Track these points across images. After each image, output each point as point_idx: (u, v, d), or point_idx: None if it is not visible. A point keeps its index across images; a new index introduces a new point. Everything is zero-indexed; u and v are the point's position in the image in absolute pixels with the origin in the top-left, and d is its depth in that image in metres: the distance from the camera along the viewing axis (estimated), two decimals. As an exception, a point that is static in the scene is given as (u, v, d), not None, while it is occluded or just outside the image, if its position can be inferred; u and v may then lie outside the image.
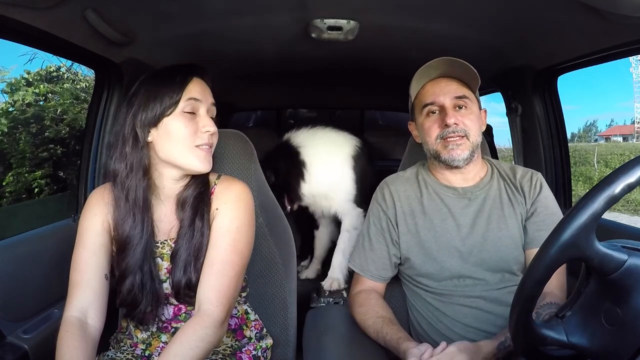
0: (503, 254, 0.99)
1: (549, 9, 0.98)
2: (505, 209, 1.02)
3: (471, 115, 1.02)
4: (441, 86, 1.03)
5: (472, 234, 1.01)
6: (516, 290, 0.61)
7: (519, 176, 1.06)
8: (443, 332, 1.00)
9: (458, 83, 1.03)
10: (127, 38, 1.12)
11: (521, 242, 1.01)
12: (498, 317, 0.97)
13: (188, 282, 0.89)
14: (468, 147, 1.00)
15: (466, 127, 1.00)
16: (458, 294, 1.00)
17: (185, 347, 0.79)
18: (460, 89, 1.02)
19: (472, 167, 1.05)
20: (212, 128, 0.90)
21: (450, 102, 1.01)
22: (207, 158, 0.90)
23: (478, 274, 1.00)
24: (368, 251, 1.10)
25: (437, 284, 1.03)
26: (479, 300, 0.99)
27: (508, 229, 1.01)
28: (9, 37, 0.94)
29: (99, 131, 1.30)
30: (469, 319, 0.99)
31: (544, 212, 1.01)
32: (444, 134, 1.00)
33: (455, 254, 1.01)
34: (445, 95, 1.01)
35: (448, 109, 1.00)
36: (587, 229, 0.54)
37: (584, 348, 0.58)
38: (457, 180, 1.06)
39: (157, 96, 0.88)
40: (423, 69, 1.03)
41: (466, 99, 1.02)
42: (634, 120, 17.41)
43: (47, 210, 5.16)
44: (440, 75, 1.04)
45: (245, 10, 1.10)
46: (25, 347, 0.94)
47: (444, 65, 1.02)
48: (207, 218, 0.91)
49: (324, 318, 1.18)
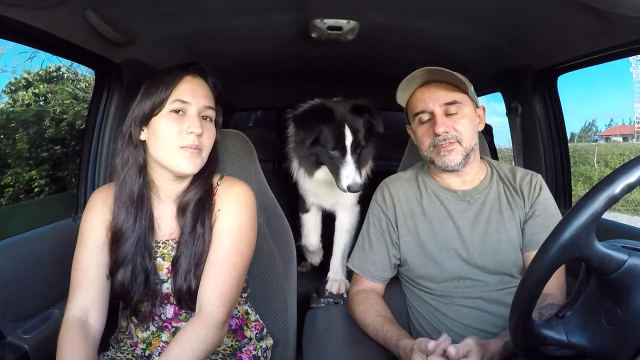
0: (502, 258, 0.99)
1: (549, 9, 0.98)
2: (504, 212, 1.02)
3: (463, 119, 1.00)
4: (430, 92, 1.01)
5: (471, 236, 1.01)
6: (516, 291, 0.61)
7: (518, 178, 1.05)
8: (443, 333, 1.00)
9: (447, 87, 1.01)
10: (127, 38, 1.12)
11: (519, 245, 1.00)
12: (498, 318, 0.97)
13: (189, 288, 0.89)
14: (460, 152, 1.00)
15: (457, 133, 0.99)
16: (458, 295, 1.00)
17: (186, 348, 0.79)
18: (450, 94, 1.01)
19: (469, 169, 1.04)
20: (197, 129, 0.87)
21: (440, 108, 1.00)
22: (192, 160, 0.88)
23: (478, 275, 1.00)
24: (368, 252, 1.10)
25: (437, 285, 1.02)
26: (479, 300, 0.99)
27: (507, 232, 1.00)
28: (9, 37, 0.94)
29: (99, 131, 1.30)
30: (469, 320, 0.99)
31: (543, 214, 1.00)
32: (435, 142, 1.00)
33: (455, 255, 1.01)
34: (435, 102, 1.00)
35: (437, 117, 0.99)
36: (587, 229, 0.54)
37: (584, 348, 0.58)
38: (455, 183, 1.06)
39: (148, 95, 0.88)
40: (407, 79, 1.02)
41: (457, 104, 1.00)
42: (633, 120, 17.43)
43: (47, 210, 5.16)
44: (428, 81, 1.02)
45: (245, 10, 1.10)
46: (25, 347, 0.94)
47: (427, 74, 1.00)
48: (208, 224, 0.91)
49: (324, 318, 1.18)
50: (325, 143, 1.28)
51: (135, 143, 0.90)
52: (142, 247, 0.90)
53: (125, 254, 0.89)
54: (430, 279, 1.03)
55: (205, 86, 0.93)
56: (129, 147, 0.91)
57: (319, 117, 1.27)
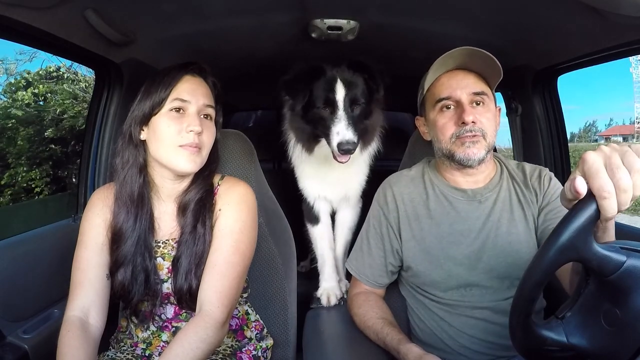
0: (512, 260, 0.94)
1: (549, 9, 0.98)
2: (515, 211, 0.97)
3: (488, 113, 0.95)
4: (458, 79, 0.95)
5: (481, 238, 0.96)
6: (515, 292, 0.61)
7: (528, 174, 1.01)
8: (447, 343, 0.97)
9: (476, 77, 0.96)
10: (127, 38, 1.12)
11: (530, 246, 0.95)
12: (504, 328, 0.93)
13: (189, 288, 0.89)
14: (484, 147, 0.94)
15: (483, 127, 0.93)
16: (465, 305, 0.96)
17: (186, 348, 0.79)
18: (479, 84, 0.95)
19: (484, 167, 0.99)
20: (196, 127, 0.87)
21: (468, 97, 0.94)
22: (192, 158, 0.88)
23: (486, 281, 0.95)
24: (366, 255, 1.07)
25: (443, 293, 0.98)
26: (485, 311, 0.95)
27: (518, 233, 0.96)
28: (9, 37, 0.94)
29: (99, 131, 1.30)
30: (474, 331, 0.95)
31: (557, 201, 0.95)
32: (460, 133, 0.93)
33: (464, 261, 0.96)
34: (463, 90, 0.94)
35: (465, 105, 0.93)
36: (585, 230, 0.54)
37: (583, 349, 0.58)
38: (466, 182, 1.00)
39: (148, 95, 0.89)
40: (442, 58, 0.95)
41: (484, 95, 0.95)
42: (633, 120, 17.43)
43: (48, 210, 5.17)
44: (457, 67, 0.97)
45: (245, 10, 1.10)
46: (25, 347, 0.94)
47: (463, 55, 0.94)
48: (209, 224, 0.91)
49: (324, 318, 1.18)
50: (316, 101, 1.11)
51: (135, 143, 0.90)
52: (143, 247, 0.90)
53: (125, 254, 0.89)
54: (436, 287, 0.98)
55: (204, 85, 0.93)
56: (129, 146, 0.91)
57: (309, 77, 1.12)
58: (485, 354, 0.95)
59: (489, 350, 0.95)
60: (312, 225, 1.38)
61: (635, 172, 0.52)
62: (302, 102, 1.12)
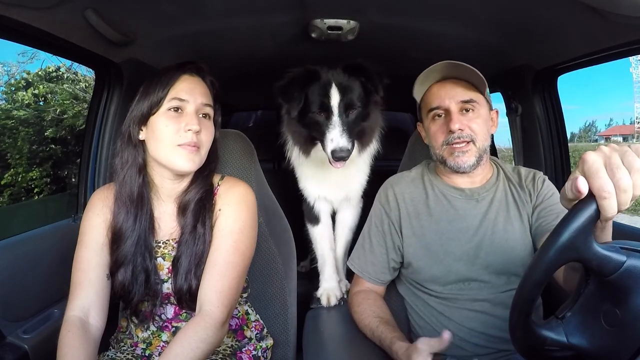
0: (509, 257, 0.98)
1: (549, 9, 0.98)
2: (511, 210, 1.01)
3: (478, 119, 0.99)
4: (447, 89, 1.00)
5: (479, 235, 1.00)
6: (515, 292, 0.61)
7: (523, 176, 1.06)
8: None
9: (465, 85, 1.00)
10: (127, 38, 1.12)
11: (525, 243, 0.99)
12: (504, 321, 0.94)
13: (189, 288, 0.89)
14: (474, 154, 0.99)
15: (472, 132, 0.98)
16: (464, 298, 0.99)
17: (186, 348, 0.79)
18: (467, 93, 1.00)
19: (479, 170, 1.04)
20: (195, 126, 0.87)
21: (456, 105, 0.99)
22: (191, 157, 0.88)
23: (484, 276, 0.98)
24: (368, 253, 1.09)
25: (442, 288, 1.01)
26: (484, 303, 0.98)
27: (514, 231, 1.00)
28: (9, 37, 0.94)
29: (99, 131, 1.30)
30: (474, 324, 0.97)
31: (549, 200, 1.00)
32: (449, 140, 0.98)
33: (462, 256, 0.99)
34: (451, 99, 0.99)
35: (453, 114, 0.98)
36: (585, 230, 0.54)
37: (583, 349, 0.58)
38: (464, 182, 1.05)
39: (146, 95, 0.89)
40: (425, 73, 1.01)
41: (473, 103, 0.99)
42: (633, 120, 17.44)
43: (48, 210, 5.17)
44: (446, 77, 1.02)
45: (245, 10, 1.10)
46: (25, 347, 0.94)
47: (447, 68, 0.99)
48: (209, 224, 0.91)
49: (324, 318, 1.18)
50: (311, 106, 1.10)
51: (134, 143, 0.90)
52: (143, 247, 0.90)
53: (125, 254, 0.89)
54: (436, 282, 1.01)
55: (202, 84, 0.93)
56: (128, 147, 0.91)
57: (304, 81, 1.11)
58: (485, 347, 0.96)
59: (488, 343, 0.96)
60: (313, 226, 1.38)
61: (635, 172, 0.52)
62: (297, 108, 1.11)
